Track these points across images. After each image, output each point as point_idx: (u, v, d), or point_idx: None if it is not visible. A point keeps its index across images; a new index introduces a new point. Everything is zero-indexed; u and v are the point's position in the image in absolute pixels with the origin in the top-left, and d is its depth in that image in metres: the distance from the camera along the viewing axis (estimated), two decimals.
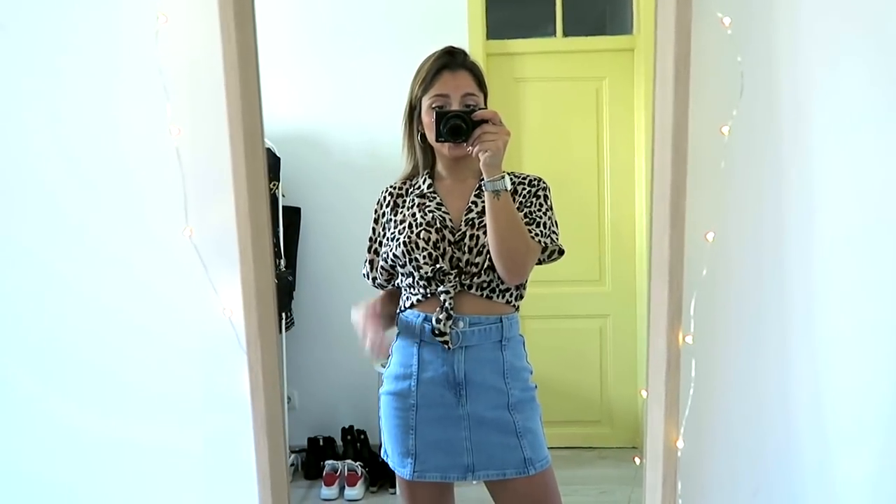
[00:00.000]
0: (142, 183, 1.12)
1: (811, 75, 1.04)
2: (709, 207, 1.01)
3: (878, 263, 1.09)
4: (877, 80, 1.03)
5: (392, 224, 1.40)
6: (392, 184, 1.45)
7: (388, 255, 1.40)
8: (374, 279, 1.46)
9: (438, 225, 1.35)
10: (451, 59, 1.36)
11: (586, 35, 2.17)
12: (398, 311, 1.43)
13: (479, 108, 1.33)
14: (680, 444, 0.97)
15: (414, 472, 1.38)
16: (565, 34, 2.18)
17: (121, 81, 1.10)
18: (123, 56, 1.09)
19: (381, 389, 1.45)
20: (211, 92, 0.97)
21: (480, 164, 1.27)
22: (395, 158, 1.47)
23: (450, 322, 1.33)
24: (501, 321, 1.37)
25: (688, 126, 0.93)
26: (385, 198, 1.45)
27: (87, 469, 1.24)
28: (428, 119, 1.35)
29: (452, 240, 1.34)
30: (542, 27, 2.20)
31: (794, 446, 1.11)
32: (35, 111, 1.16)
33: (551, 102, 2.09)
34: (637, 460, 1.14)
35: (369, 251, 1.46)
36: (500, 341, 1.37)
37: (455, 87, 1.34)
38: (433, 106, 1.34)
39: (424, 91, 1.36)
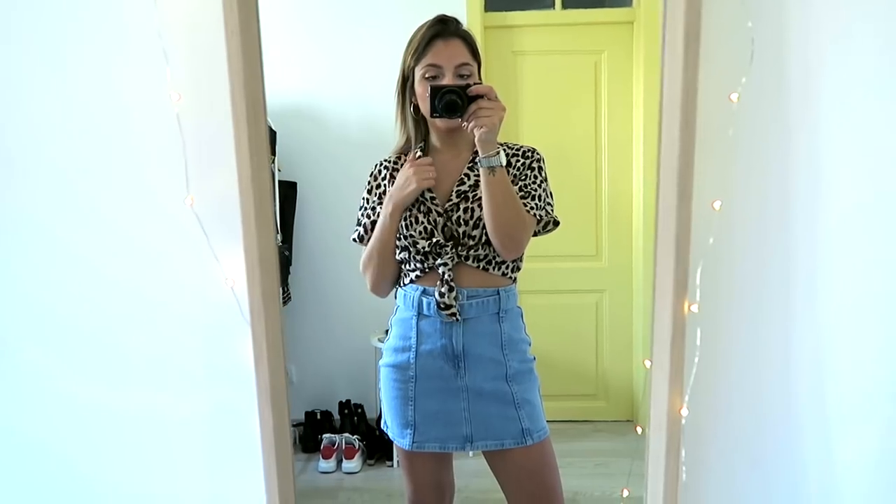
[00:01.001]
0: (142, 150, 1.10)
1: (823, 42, 1.03)
2: (716, 175, 1.01)
3: (885, 235, 1.09)
4: (890, 48, 1.02)
5: (388, 198, 1.39)
6: (386, 158, 1.44)
7: None
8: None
9: (430, 204, 1.35)
10: (443, 28, 1.33)
11: (585, 7, 2.15)
12: (397, 285, 1.43)
13: (475, 83, 1.31)
14: (684, 412, 0.98)
15: (413, 442, 1.39)
16: (564, 6, 2.16)
17: (119, 45, 1.07)
18: (122, 19, 1.06)
19: (381, 362, 1.45)
20: (212, 56, 0.94)
21: (476, 139, 1.26)
22: (392, 132, 1.45)
23: (453, 294, 1.33)
24: (499, 293, 1.37)
25: (696, 93, 0.92)
26: (380, 171, 1.43)
27: (92, 439, 1.24)
28: (421, 90, 1.33)
29: (440, 210, 1.33)
30: None
31: (795, 415, 1.12)
32: (30, 76, 1.13)
33: (549, 76, 2.08)
34: (639, 430, 1.15)
35: (361, 218, 1.44)
36: (498, 313, 1.37)
37: (448, 57, 1.32)
38: (426, 76, 1.32)
39: (417, 61, 1.34)
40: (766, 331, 1.10)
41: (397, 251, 1.38)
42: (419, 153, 1.39)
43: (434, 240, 1.33)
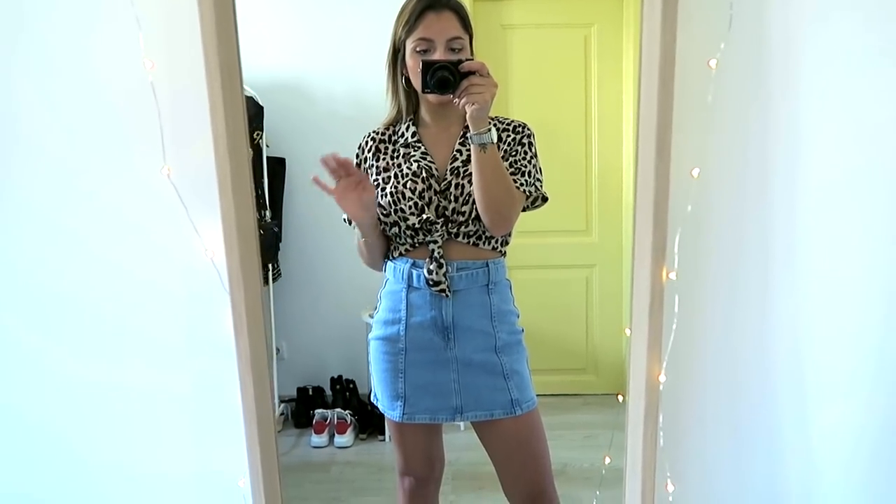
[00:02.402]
0: (117, 120, 1.09)
1: (802, 8, 1.02)
2: (695, 143, 1.01)
3: (862, 202, 1.10)
4: (869, 16, 1.02)
5: (375, 171, 1.39)
6: (375, 129, 1.44)
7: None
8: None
9: (424, 174, 1.34)
10: (434, 0, 1.32)
11: None
12: (386, 258, 1.43)
13: (467, 58, 1.30)
14: (662, 378, 0.99)
15: (403, 414, 1.40)
16: None
17: (90, 12, 1.06)
18: None
19: (371, 335, 1.46)
20: (186, 23, 0.93)
21: (467, 116, 1.25)
22: (380, 107, 1.44)
23: (442, 271, 1.33)
24: (488, 266, 1.37)
25: (675, 59, 0.92)
26: (367, 143, 1.43)
27: (75, 412, 1.25)
28: (413, 63, 1.32)
29: (438, 189, 1.34)
30: None
31: (772, 382, 1.13)
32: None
33: (539, 49, 2.05)
34: (620, 398, 1.16)
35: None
36: (488, 285, 1.38)
37: (440, 31, 1.30)
38: (418, 50, 1.31)
39: (408, 34, 1.32)
40: (743, 298, 1.10)
41: (387, 227, 1.38)
42: (411, 128, 1.38)
43: (424, 216, 1.33)
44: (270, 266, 1.92)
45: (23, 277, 1.21)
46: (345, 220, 1.44)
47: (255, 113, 1.87)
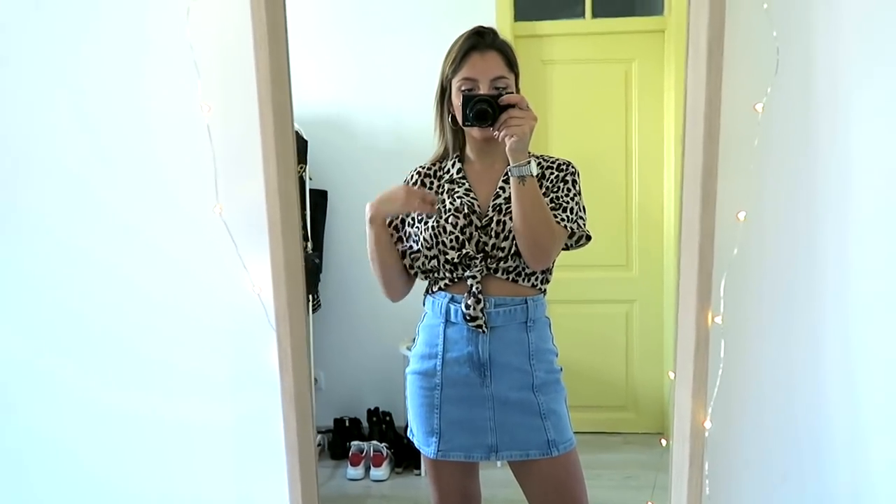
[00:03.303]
0: (172, 160, 1.13)
1: (848, 51, 1.01)
2: (741, 186, 1.00)
3: None
4: None
5: None
6: (422, 164, 1.46)
7: (416, 236, 1.40)
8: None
9: (466, 210, 1.35)
10: (479, 40, 1.34)
11: (616, 16, 2.13)
12: (425, 292, 1.44)
13: (507, 92, 1.32)
14: (707, 424, 0.96)
15: (438, 450, 1.39)
16: (594, 15, 2.15)
17: (151, 59, 1.10)
18: (154, 33, 1.10)
19: (408, 369, 1.46)
20: (242, 69, 0.97)
21: (506, 148, 1.26)
22: (421, 142, 1.46)
23: (480, 306, 1.33)
24: (527, 303, 1.37)
25: (720, 103, 0.92)
26: (413, 177, 1.45)
27: (121, 445, 1.27)
28: (457, 102, 1.34)
29: (479, 225, 1.34)
30: (570, 8, 2.17)
31: (824, 428, 1.10)
32: (64, 90, 1.17)
33: (579, 85, 2.06)
34: (664, 442, 1.13)
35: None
36: (526, 323, 1.37)
37: (483, 71, 1.32)
38: (462, 89, 1.33)
39: (454, 73, 1.35)
40: (793, 343, 1.08)
41: (427, 261, 1.39)
42: (457, 164, 1.40)
43: (464, 251, 1.34)
44: (311, 296, 1.94)
45: (71, 313, 1.25)
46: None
47: (299, 147, 1.91)
